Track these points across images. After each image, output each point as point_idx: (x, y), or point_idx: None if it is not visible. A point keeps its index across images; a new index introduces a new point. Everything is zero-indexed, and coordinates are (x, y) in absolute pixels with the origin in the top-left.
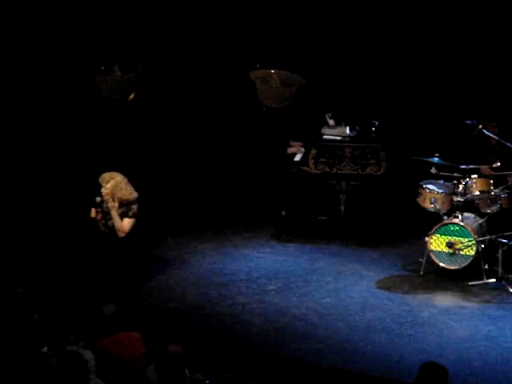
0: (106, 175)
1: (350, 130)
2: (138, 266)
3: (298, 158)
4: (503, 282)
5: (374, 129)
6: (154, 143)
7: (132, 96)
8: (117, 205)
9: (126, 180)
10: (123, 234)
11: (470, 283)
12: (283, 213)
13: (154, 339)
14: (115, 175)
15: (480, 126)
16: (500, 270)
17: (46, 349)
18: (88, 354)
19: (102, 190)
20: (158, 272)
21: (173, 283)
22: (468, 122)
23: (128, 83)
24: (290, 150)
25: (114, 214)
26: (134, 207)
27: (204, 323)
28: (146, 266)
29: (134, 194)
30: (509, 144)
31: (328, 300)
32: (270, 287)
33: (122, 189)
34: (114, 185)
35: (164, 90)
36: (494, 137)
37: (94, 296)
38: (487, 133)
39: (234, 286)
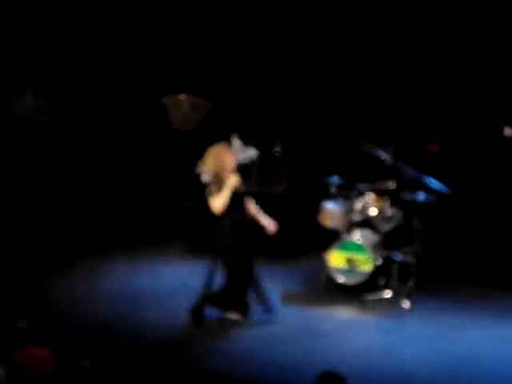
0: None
1: (255, 151)
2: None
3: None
4: (397, 297)
5: (277, 150)
6: (65, 164)
7: (43, 118)
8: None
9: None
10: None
11: (367, 298)
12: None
13: (65, 355)
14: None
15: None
16: (394, 284)
17: None
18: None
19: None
20: (68, 289)
21: (83, 299)
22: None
23: (39, 107)
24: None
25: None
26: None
27: (113, 337)
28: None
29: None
30: (402, 165)
31: None
32: (174, 303)
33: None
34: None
35: (77, 113)
36: (390, 159)
37: (6, 310)
38: (384, 154)
39: (142, 302)
